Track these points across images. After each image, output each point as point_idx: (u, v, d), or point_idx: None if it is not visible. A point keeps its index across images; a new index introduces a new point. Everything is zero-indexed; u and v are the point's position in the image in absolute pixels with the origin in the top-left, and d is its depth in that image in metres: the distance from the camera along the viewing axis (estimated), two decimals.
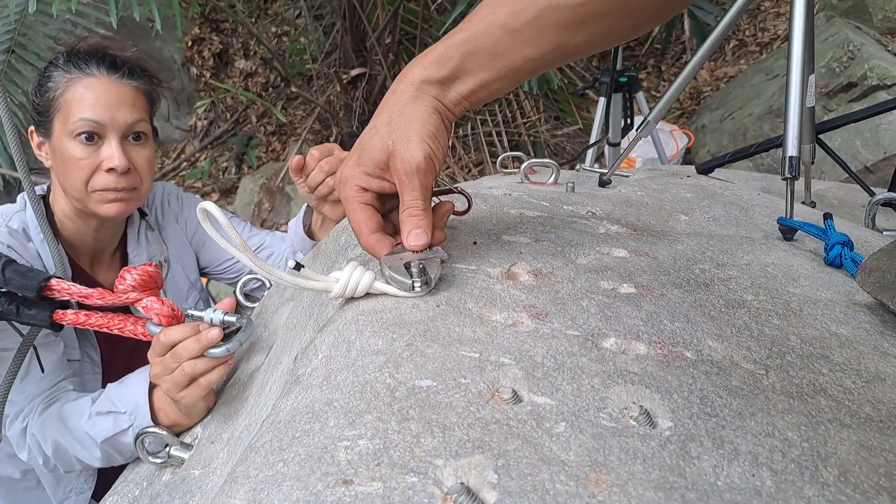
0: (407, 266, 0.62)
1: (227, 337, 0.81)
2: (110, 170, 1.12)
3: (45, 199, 1.23)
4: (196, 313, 0.81)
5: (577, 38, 0.60)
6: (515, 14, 0.59)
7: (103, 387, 1.01)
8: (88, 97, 1.11)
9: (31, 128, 1.21)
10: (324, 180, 1.13)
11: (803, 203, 1.30)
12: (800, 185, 1.31)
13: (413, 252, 0.64)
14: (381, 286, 0.63)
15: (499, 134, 3.65)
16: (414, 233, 0.63)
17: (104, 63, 1.14)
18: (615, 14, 0.59)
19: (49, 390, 1.05)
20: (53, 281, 0.80)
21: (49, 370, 1.05)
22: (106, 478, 1.19)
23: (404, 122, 0.62)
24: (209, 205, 0.61)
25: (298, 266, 0.63)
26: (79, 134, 1.11)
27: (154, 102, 1.24)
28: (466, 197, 0.79)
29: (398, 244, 0.66)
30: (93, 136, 1.12)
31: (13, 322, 0.85)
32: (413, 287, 0.61)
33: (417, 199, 0.63)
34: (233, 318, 0.80)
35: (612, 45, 0.66)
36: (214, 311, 0.81)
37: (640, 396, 0.50)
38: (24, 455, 1.03)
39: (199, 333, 0.79)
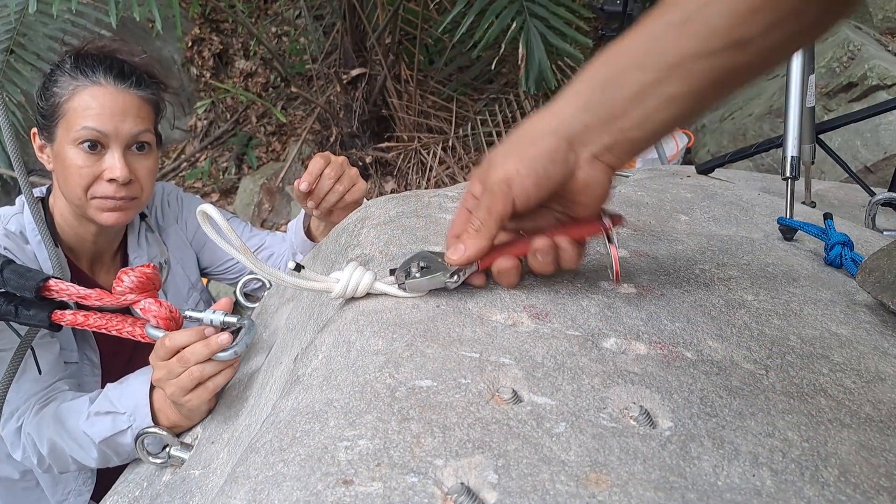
0: (421, 264, 0.62)
1: None
2: (111, 180, 1.12)
3: (44, 200, 1.23)
4: (194, 315, 0.81)
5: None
6: None
7: (102, 388, 1.00)
8: (94, 106, 1.11)
9: (34, 130, 1.21)
10: (332, 187, 1.13)
11: (803, 203, 1.30)
12: (800, 185, 1.31)
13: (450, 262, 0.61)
14: (381, 286, 0.63)
15: (499, 134, 3.65)
16: (455, 246, 0.60)
17: (112, 72, 1.13)
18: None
19: (45, 390, 1.05)
20: (52, 281, 0.80)
21: (45, 370, 1.05)
22: (104, 480, 1.19)
23: (526, 142, 0.55)
24: (208, 207, 0.61)
25: (299, 267, 0.63)
26: (82, 142, 1.11)
27: (160, 111, 1.23)
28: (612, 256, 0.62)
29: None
30: (96, 145, 1.11)
31: (11, 322, 0.85)
32: (446, 283, 0.60)
33: (477, 217, 0.58)
34: (233, 319, 0.80)
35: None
36: (213, 312, 0.81)
37: (641, 396, 0.50)
38: (17, 454, 1.03)
39: (208, 338, 0.79)
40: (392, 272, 0.63)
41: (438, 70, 3.82)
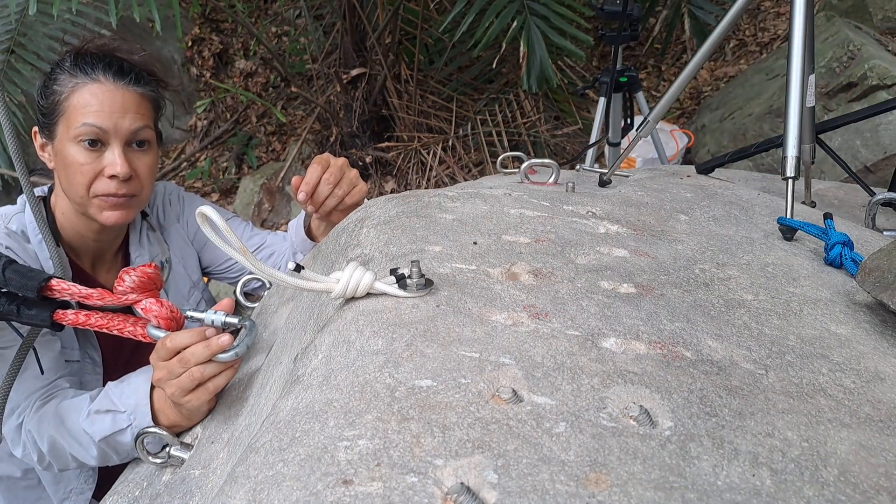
0: (402, 273, 0.62)
1: None
2: (112, 176, 1.12)
3: (46, 200, 1.23)
4: (196, 315, 0.81)
5: None
6: None
7: (104, 386, 1.01)
8: (93, 103, 1.11)
9: (35, 128, 1.21)
10: (332, 192, 1.13)
11: (803, 203, 1.30)
12: (800, 184, 1.31)
13: None
14: (381, 286, 0.63)
15: (499, 134, 3.64)
16: None
17: (111, 69, 1.14)
18: None
19: (46, 387, 1.05)
20: (53, 281, 0.80)
21: (46, 367, 1.05)
22: (107, 479, 1.19)
23: None
24: (207, 209, 0.61)
25: (298, 268, 0.63)
26: (82, 139, 1.11)
27: (160, 108, 1.24)
28: None
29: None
30: (96, 142, 1.11)
31: (13, 322, 0.85)
32: None
33: None
34: (234, 320, 0.81)
35: None
36: (215, 312, 0.81)
37: (640, 396, 0.50)
38: (18, 452, 1.03)
39: (209, 339, 0.79)
40: (392, 272, 0.63)
41: (438, 70, 3.82)
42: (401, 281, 0.62)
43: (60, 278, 0.81)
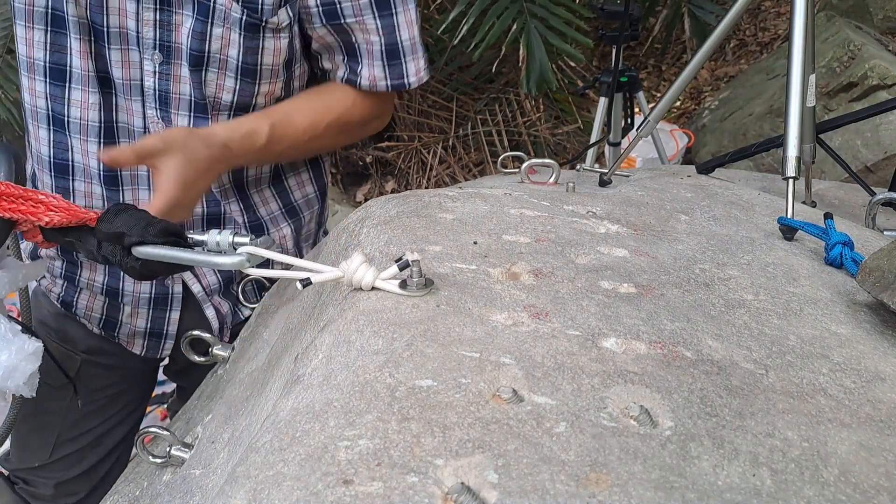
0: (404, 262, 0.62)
1: None
2: None
3: None
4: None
5: None
6: None
7: None
8: None
9: None
10: None
11: (803, 203, 1.30)
12: (800, 184, 1.31)
13: None
14: (381, 284, 0.63)
15: (499, 134, 3.64)
16: None
17: None
18: None
19: None
20: None
21: None
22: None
23: None
24: None
25: (306, 283, 0.63)
26: None
27: None
28: None
29: None
30: None
31: None
32: None
33: None
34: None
35: None
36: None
37: (640, 396, 0.50)
38: None
39: None
40: (397, 260, 0.63)
41: (439, 70, 3.82)
42: (405, 270, 0.62)
43: None
